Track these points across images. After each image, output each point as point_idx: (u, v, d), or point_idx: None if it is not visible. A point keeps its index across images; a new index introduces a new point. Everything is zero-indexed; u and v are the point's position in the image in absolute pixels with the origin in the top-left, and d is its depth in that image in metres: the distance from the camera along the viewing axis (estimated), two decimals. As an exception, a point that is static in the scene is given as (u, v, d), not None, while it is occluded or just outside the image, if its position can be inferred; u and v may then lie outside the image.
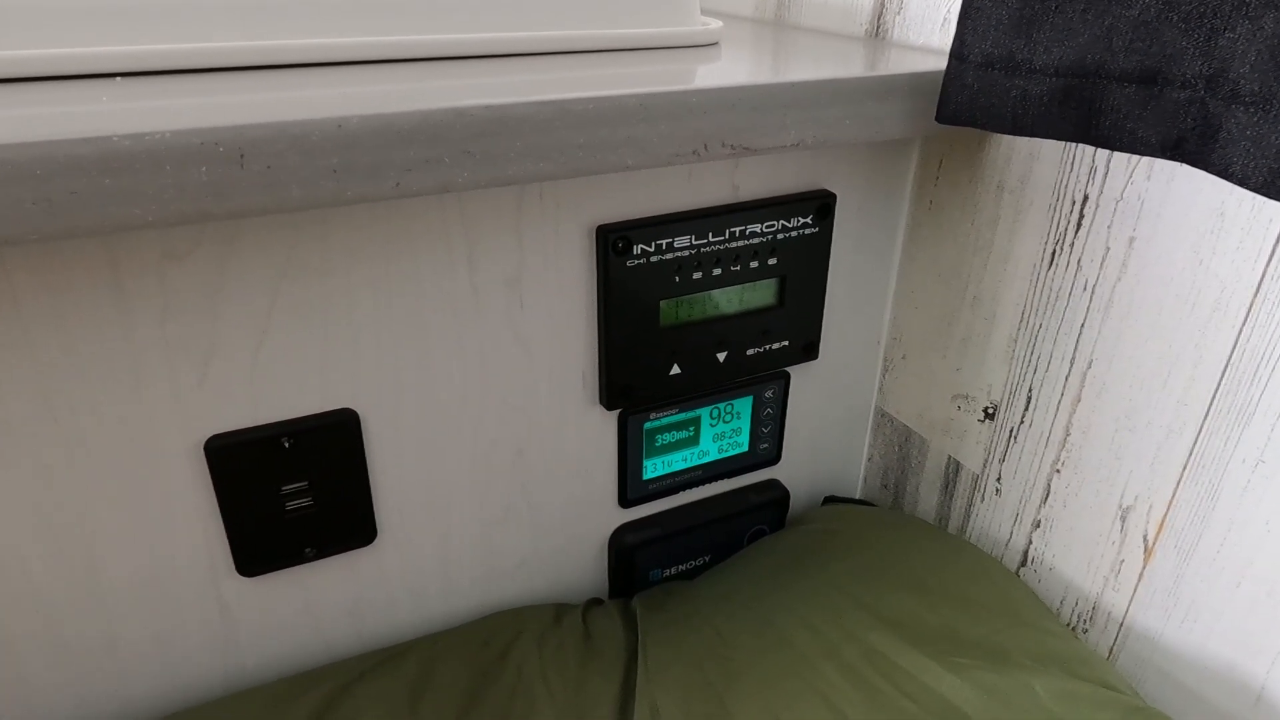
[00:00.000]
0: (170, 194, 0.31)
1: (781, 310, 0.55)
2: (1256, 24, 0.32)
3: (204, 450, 0.43)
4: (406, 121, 0.34)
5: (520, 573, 0.56)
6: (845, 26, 0.61)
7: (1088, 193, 0.46)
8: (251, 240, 0.40)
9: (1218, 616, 0.44)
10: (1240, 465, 0.42)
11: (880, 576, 0.53)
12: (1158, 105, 0.36)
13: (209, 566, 0.46)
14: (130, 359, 0.40)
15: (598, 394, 0.52)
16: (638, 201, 0.48)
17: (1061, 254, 0.48)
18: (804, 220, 0.53)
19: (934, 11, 0.53)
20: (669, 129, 0.39)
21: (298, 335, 0.43)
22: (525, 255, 0.46)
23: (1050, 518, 0.53)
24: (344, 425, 0.45)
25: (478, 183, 0.36)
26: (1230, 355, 0.41)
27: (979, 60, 0.41)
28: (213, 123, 0.31)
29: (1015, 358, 0.53)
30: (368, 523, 0.49)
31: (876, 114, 0.45)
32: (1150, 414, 0.46)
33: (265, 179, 0.32)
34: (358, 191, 0.34)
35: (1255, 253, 0.39)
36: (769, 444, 0.61)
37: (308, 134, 0.32)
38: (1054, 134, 0.40)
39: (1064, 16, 0.38)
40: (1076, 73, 0.38)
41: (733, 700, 0.46)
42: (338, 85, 0.39)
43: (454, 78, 0.42)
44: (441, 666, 0.49)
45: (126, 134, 0.30)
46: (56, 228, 0.30)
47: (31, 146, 0.29)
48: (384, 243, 0.43)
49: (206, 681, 0.49)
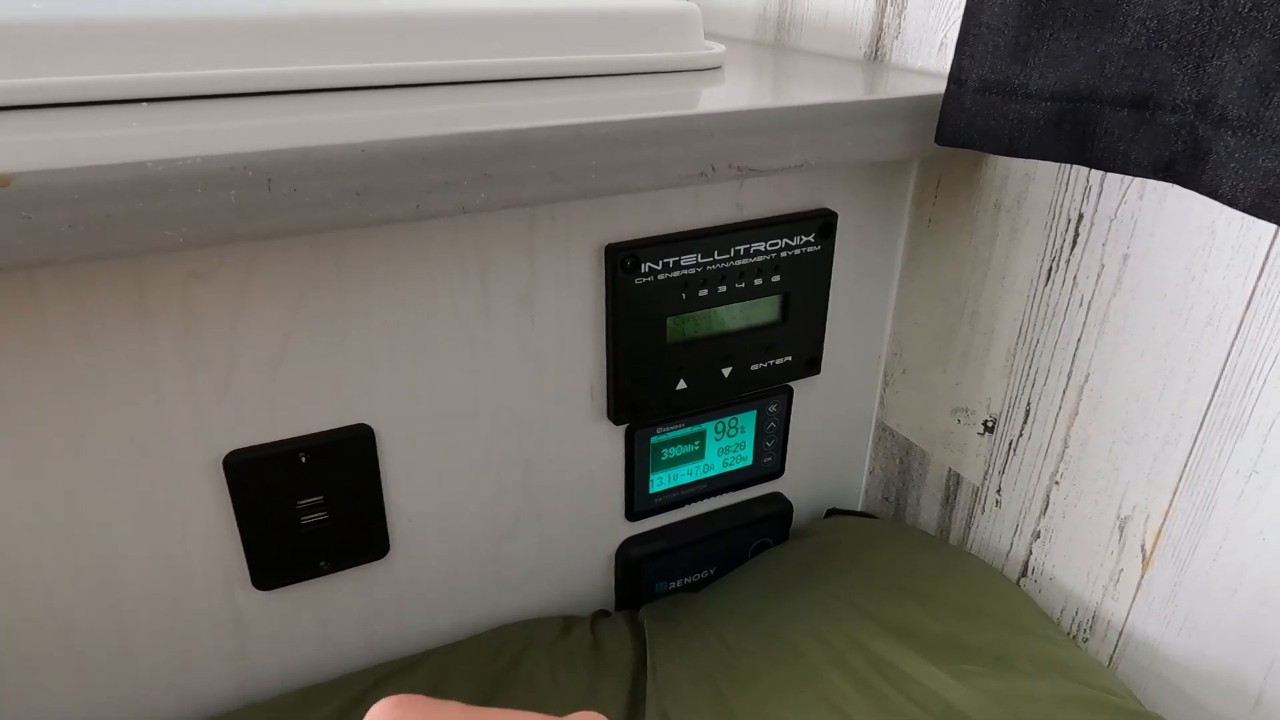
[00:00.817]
0: (200, 216, 0.32)
1: (785, 326, 0.56)
2: (1242, 52, 0.33)
3: (223, 465, 0.44)
4: (427, 146, 0.35)
5: (528, 585, 0.57)
6: (844, 49, 0.62)
7: (1083, 211, 0.47)
8: (272, 260, 0.41)
9: (1215, 623, 0.45)
10: (1234, 475, 0.43)
11: (884, 587, 0.54)
12: (1149, 129, 0.38)
13: (224, 580, 0.47)
14: (152, 375, 0.41)
15: (606, 409, 0.54)
16: (646, 221, 0.49)
17: (1058, 271, 0.50)
18: (806, 239, 0.54)
19: (931, 36, 0.55)
20: (680, 151, 0.40)
21: (315, 352, 0.44)
22: (537, 274, 0.47)
23: (1050, 528, 0.54)
24: (359, 440, 0.46)
25: (495, 204, 0.37)
26: (1223, 368, 0.42)
27: (977, 85, 0.43)
28: (242, 148, 0.32)
29: (1014, 372, 0.54)
30: (381, 536, 0.50)
31: (877, 135, 0.46)
32: (1146, 426, 0.47)
33: (291, 201, 0.33)
34: (379, 213, 0.35)
35: (1245, 269, 0.41)
36: (772, 458, 0.62)
37: (332, 158, 0.34)
38: (1050, 156, 0.42)
39: (1059, 44, 0.39)
40: (1071, 97, 0.40)
41: (742, 709, 0.46)
42: (357, 110, 0.41)
43: (468, 101, 0.43)
44: (453, 677, 0.50)
45: (160, 159, 0.31)
46: (91, 250, 0.31)
47: (69, 172, 0.30)
48: (400, 262, 0.44)
49: (220, 693, 0.50)
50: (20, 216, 0.29)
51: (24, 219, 0.29)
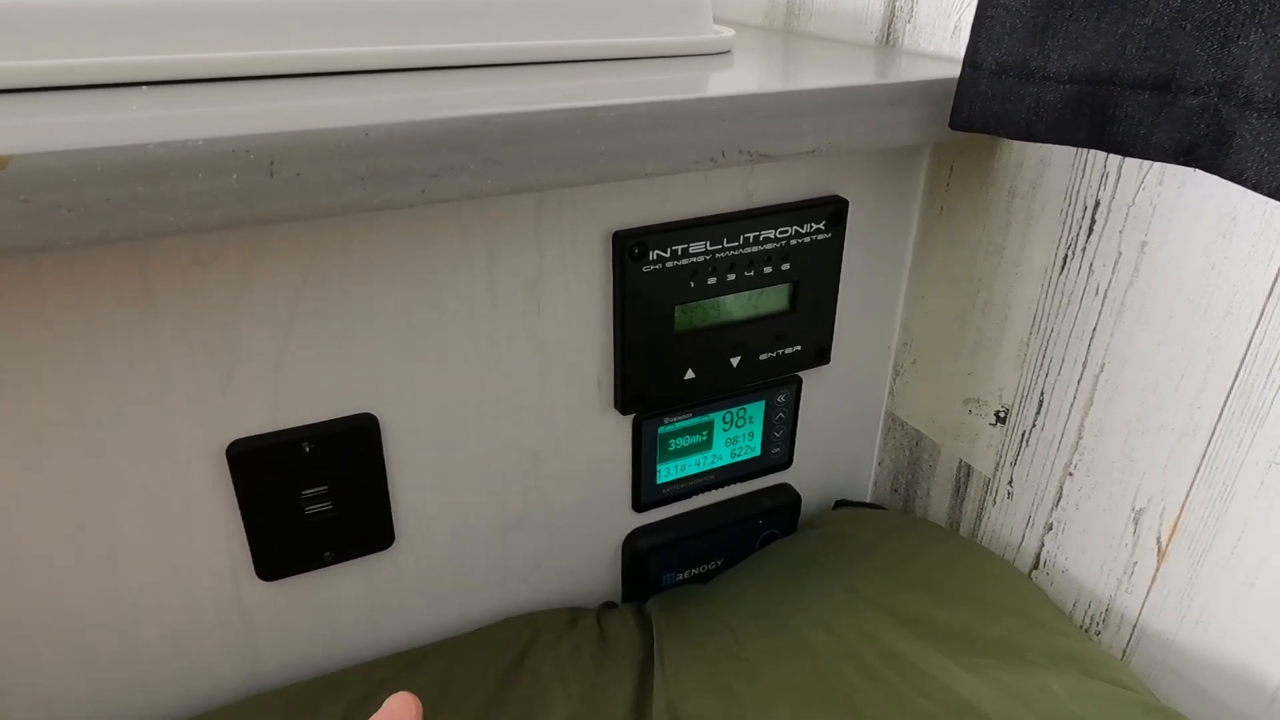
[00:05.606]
0: (201, 201, 0.32)
1: (794, 315, 0.55)
2: (1269, 32, 0.33)
3: (226, 455, 0.43)
4: (433, 129, 0.34)
5: (535, 577, 0.57)
6: (856, 34, 0.61)
7: (1099, 198, 0.47)
8: (275, 247, 0.40)
9: (1231, 618, 0.45)
10: (1254, 467, 0.42)
11: (894, 578, 0.54)
12: (1171, 112, 0.37)
13: (229, 570, 0.46)
14: (155, 364, 0.40)
15: (613, 398, 0.53)
16: (654, 208, 0.48)
17: (1073, 259, 0.49)
18: (816, 226, 0.53)
19: (944, 19, 0.54)
20: (690, 136, 0.39)
21: (319, 340, 0.43)
22: (544, 261, 0.47)
23: (1063, 521, 0.53)
24: (364, 430, 0.46)
25: (502, 189, 0.37)
26: (1243, 358, 0.42)
27: (993, 68, 0.42)
28: (243, 131, 0.32)
29: (1027, 361, 0.53)
30: (385, 526, 0.49)
31: (890, 121, 0.45)
32: (1163, 417, 0.46)
33: (294, 186, 0.33)
34: (384, 198, 0.35)
35: (1268, 256, 0.40)
36: (781, 448, 0.62)
37: (336, 141, 0.33)
38: (1068, 140, 0.41)
39: (1078, 25, 0.38)
40: (1090, 80, 0.39)
41: (751, 701, 0.46)
42: (362, 94, 0.40)
43: (476, 85, 0.42)
44: (460, 670, 0.49)
45: (160, 142, 0.30)
46: (90, 234, 0.31)
47: (68, 154, 0.29)
48: (405, 249, 0.43)
49: (225, 685, 0.50)
50: (18, 200, 0.29)
51: (22, 202, 0.29)
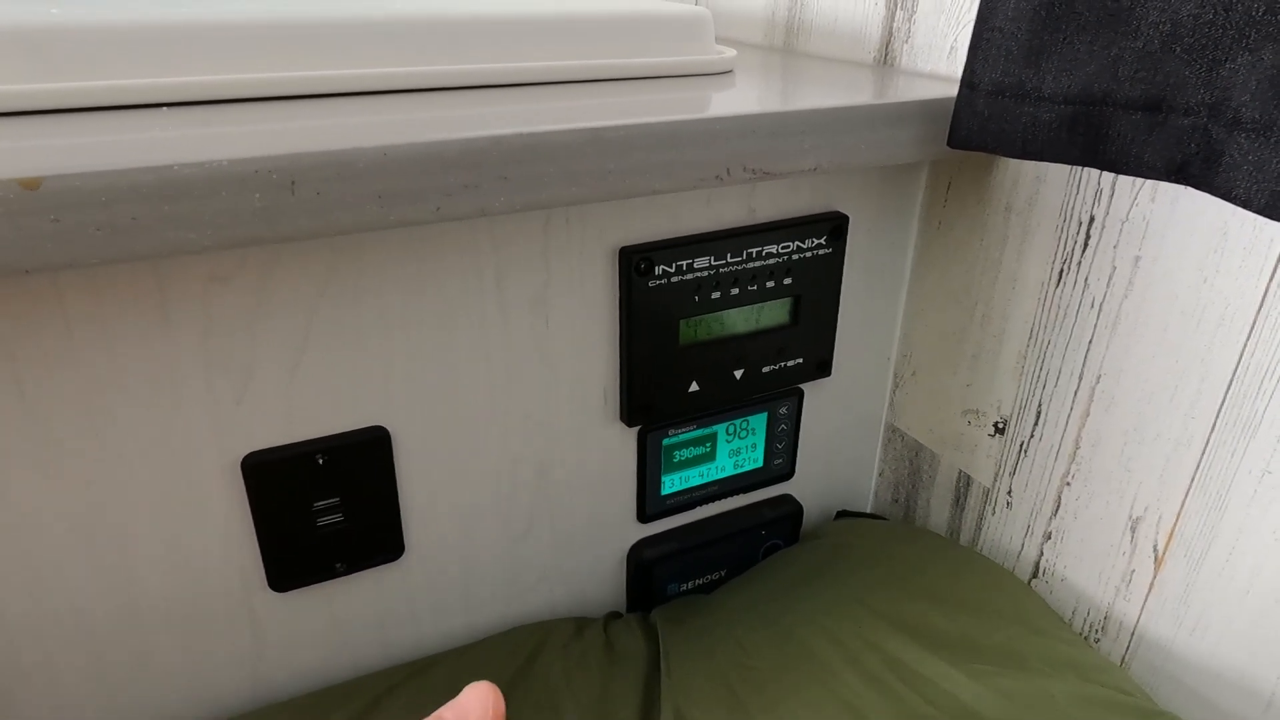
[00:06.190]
0: (224, 219, 0.33)
1: (796, 329, 0.56)
2: (1256, 55, 0.34)
3: (241, 467, 0.44)
4: (448, 149, 0.35)
5: (541, 587, 0.57)
6: (854, 54, 0.63)
7: (1094, 214, 0.48)
8: (291, 263, 0.41)
9: (1228, 624, 0.46)
10: (1247, 476, 0.43)
11: (896, 587, 0.54)
12: (1162, 131, 0.38)
13: (242, 581, 0.47)
14: (172, 377, 0.41)
15: (619, 411, 0.54)
16: (659, 224, 0.49)
17: (1069, 273, 0.50)
18: (818, 241, 0.54)
19: (941, 40, 0.55)
20: (695, 154, 0.40)
21: (333, 354, 0.44)
22: (551, 276, 0.48)
23: (1061, 529, 0.54)
24: (375, 442, 0.47)
25: (513, 206, 0.38)
26: (1235, 369, 0.43)
27: (989, 88, 0.43)
28: (266, 151, 0.33)
29: (1025, 373, 0.55)
30: (396, 538, 0.50)
31: (889, 139, 0.47)
32: (1158, 427, 0.47)
33: (314, 205, 0.34)
34: (400, 216, 0.36)
35: (1258, 271, 0.41)
36: (783, 459, 0.62)
37: (355, 161, 0.34)
38: (1063, 158, 0.42)
39: (1072, 48, 0.39)
40: (1084, 100, 0.40)
41: (757, 709, 0.47)
42: (379, 114, 0.41)
43: (488, 105, 0.43)
44: (468, 679, 0.50)
45: (186, 162, 0.31)
46: (116, 252, 0.31)
47: (97, 175, 0.30)
48: (417, 264, 0.44)
49: (236, 695, 0.50)
50: (49, 219, 0.30)
51: (53, 221, 0.30)
